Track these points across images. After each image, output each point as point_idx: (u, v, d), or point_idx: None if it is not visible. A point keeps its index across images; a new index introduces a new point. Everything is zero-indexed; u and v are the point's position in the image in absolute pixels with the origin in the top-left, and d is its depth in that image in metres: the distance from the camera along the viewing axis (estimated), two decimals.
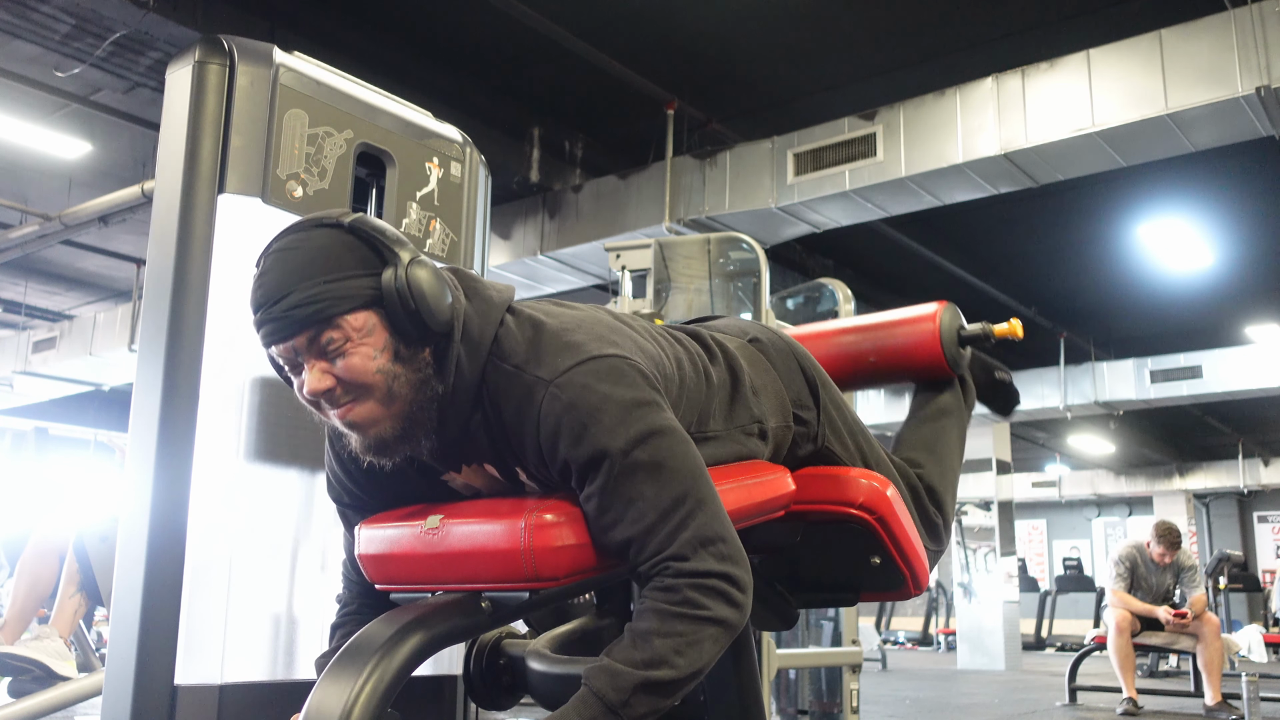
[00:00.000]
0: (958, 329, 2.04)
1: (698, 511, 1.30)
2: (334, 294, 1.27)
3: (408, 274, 1.30)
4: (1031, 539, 20.18)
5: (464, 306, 1.38)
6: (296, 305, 1.26)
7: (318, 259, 1.29)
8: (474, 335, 1.37)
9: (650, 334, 1.54)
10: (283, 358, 1.32)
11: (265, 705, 1.89)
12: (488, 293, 1.43)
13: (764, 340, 1.78)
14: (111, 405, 11.85)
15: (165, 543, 1.85)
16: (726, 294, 4.08)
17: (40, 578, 3.34)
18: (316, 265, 1.28)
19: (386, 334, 1.31)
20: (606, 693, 1.23)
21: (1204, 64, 4.93)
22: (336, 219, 1.33)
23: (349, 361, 1.29)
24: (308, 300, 1.27)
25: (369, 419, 1.32)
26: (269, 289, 1.28)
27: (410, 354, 1.32)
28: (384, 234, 1.33)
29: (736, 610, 1.28)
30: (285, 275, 1.28)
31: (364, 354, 1.29)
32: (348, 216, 1.33)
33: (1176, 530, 5.95)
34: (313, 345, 1.29)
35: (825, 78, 6.15)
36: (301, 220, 1.35)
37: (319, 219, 1.34)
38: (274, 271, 1.29)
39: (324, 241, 1.31)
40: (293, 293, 1.27)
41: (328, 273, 1.28)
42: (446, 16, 5.57)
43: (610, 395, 1.31)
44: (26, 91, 6.10)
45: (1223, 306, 9.87)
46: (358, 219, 1.33)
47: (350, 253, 1.30)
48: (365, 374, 1.30)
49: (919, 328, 2.03)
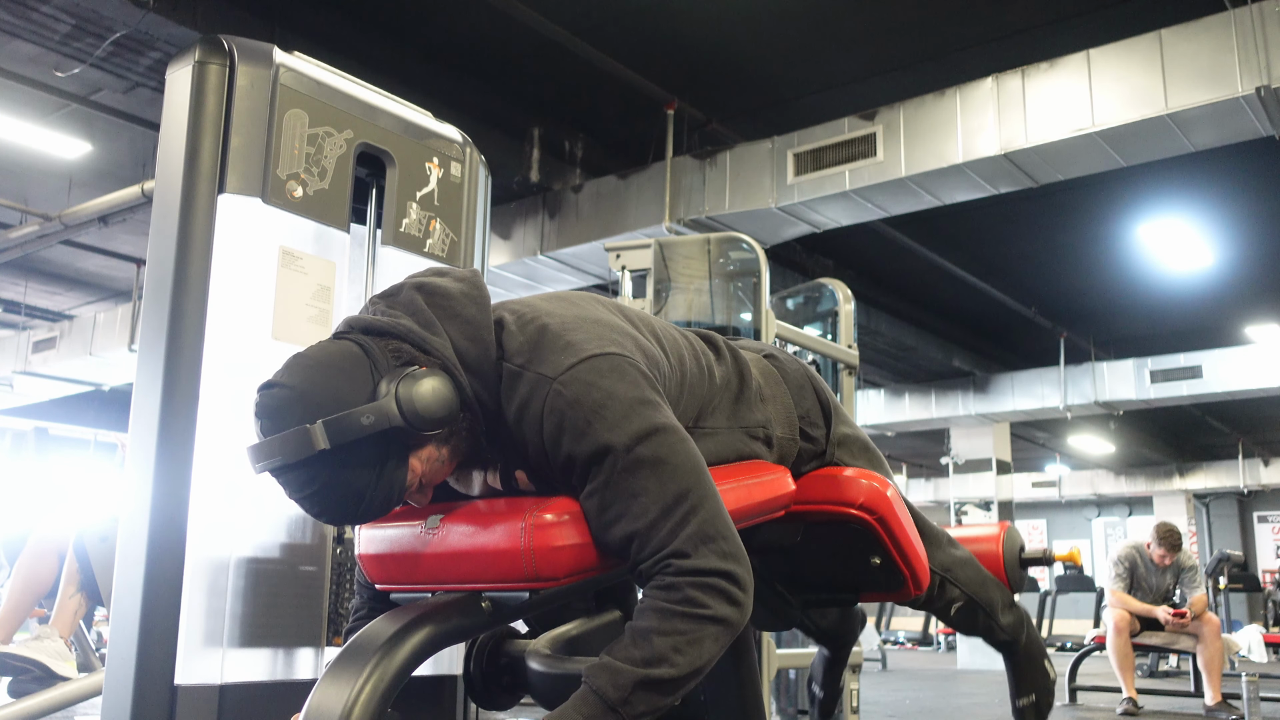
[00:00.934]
0: (1019, 549, 2.11)
1: (700, 508, 1.30)
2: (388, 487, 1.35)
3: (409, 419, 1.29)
4: (1031, 539, 20.16)
5: (449, 343, 1.36)
6: (375, 511, 1.37)
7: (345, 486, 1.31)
8: (474, 361, 1.37)
9: (650, 328, 1.55)
10: None
11: (265, 705, 1.89)
12: (465, 310, 1.40)
13: (780, 358, 1.83)
14: (111, 405, 11.85)
15: (165, 543, 1.85)
16: (726, 294, 4.08)
17: (37, 577, 3.34)
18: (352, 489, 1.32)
19: (433, 445, 1.37)
20: (606, 690, 1.23)
21: (1204, 64, 4.93)
22: (315, 449, 1.25)
23: (428, 479, 1.39)
24: (378, 505, 1.35)
25: (439, 479, 1.43)
26: (343, 522, 1.39)
27: (452, 429, 1.37)
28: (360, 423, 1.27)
29: (737, 609, 1.28)
30: (342, 513, 1.35)
31: (434, 470, 1.39)
32: (317, 438, 1.25)
33: (1177, 532, 5.95)
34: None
35: (825, 78, 6.15)
36: (279, 464, 1.27)
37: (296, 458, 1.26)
38: (328, 514, 1.36)
39: (329, 474, 1.30)
40: (361, 513, 1.36)
41: (365, 484, 1.32)
42: (447, 17, 5.57)
43: (614, 392, 1.32)
44: (26, 91, 6.09)
45: (1223, 306, 9.86)
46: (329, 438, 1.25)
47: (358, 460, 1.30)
48: (441, 474, 1.41)
49: (981, 547, 2.09)
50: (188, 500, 1.88)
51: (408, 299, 1.41)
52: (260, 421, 1.29)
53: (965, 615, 1.95)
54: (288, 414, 1.27)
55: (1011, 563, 2.07)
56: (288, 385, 1.29)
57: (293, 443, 1.26)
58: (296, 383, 1.29)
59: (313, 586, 2.04)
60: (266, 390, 1.30)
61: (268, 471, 1.29)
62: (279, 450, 1.26)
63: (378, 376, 1.31)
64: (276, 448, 1.26)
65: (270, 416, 1.28)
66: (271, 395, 1.29)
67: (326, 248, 2.12)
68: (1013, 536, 2.10)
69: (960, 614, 1.94)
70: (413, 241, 2.29)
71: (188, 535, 1.87)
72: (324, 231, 2.11)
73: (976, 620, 1.97)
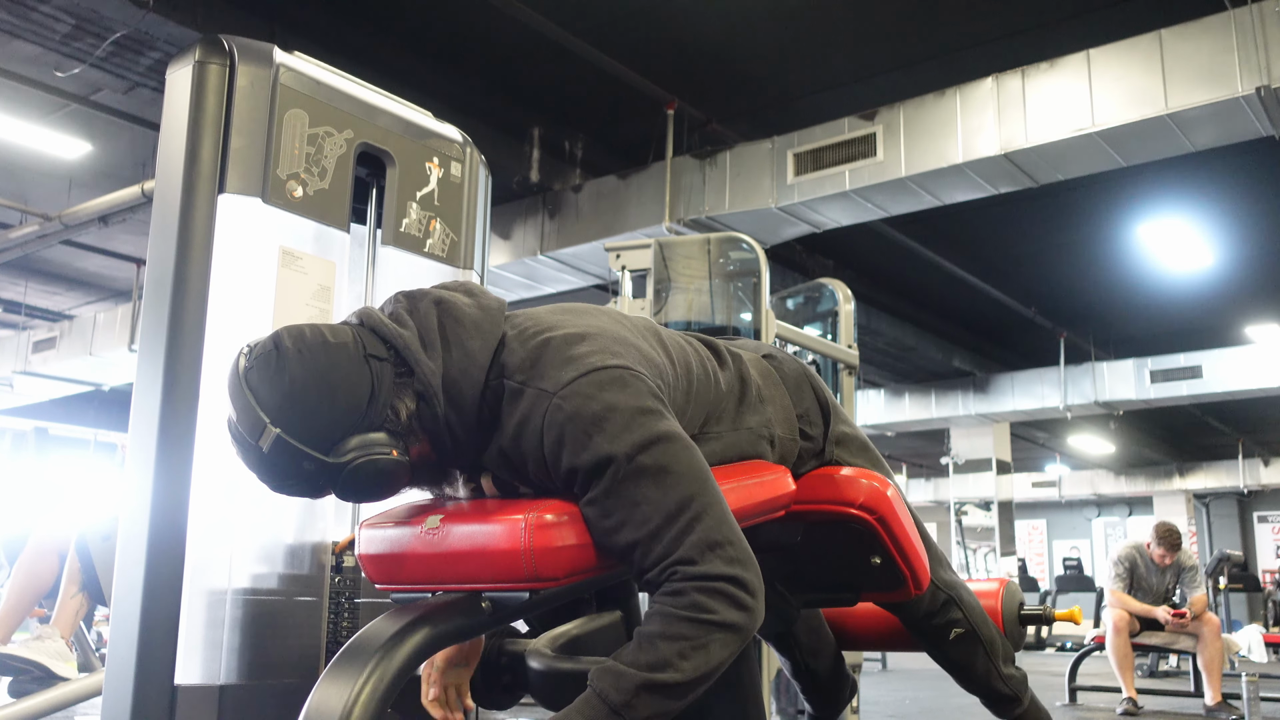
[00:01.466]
0: (1019, 606, 2.06)
1: (704, 515, 1.29)
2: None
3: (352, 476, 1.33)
4: (1031, 539, 20.19)
5: (439, 376, 1.36)
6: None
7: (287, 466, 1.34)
8: (456, 397, 1.37)
9: (656, 337, 1.54)
10: None
11: (265, 705, 1.89)
12: (471, 343, 1.39)
13: (778, 358, 1.83)
14: (111, 405, 11.85)
15: (165, 543, 1.85)
16: (726, 294, 4.07)
17: (37, 576, 3.34)
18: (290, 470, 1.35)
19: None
20: (609, 693, 1.23)
21: (1204, 64, 4.93)
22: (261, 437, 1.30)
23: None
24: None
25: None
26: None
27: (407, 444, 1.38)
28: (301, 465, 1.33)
29: (745, 614, 1.28)
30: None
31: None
32: (266, 437, 1.30)
33: (1177, 532, 5.95)
34: None
35: (825, 78, 6.15)
36: (235, 431, 1.34)
37: (247, 440, 1.32)
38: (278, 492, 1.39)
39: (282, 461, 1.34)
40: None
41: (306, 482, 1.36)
42: (447, 16, 5.57)
43: (614, 404, 1.31)
44: (26, 91, 6.09)
45: (1223, 306, 9.87)
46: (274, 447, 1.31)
47: (301, 467, 1.34)
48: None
49: (981, 602, 2.02)
50: (188, 500, 1.87)
51: (425, 311, 1.41)
52: (247, 375, 1.31)
53: (965, 647, 1.88)
54: (267, 396, 1.30)
55: (1010, 619, 2.02)
56: (286, 374, 1.30)
57: (246, 423, 1.31)
58: (296, 376, 1.30)
59: (313, 588, 2.04)
60: (272, 356, 1.31)
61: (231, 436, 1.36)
62: (237, 414, 1.32)
63: (374, 404, 1.34)
64: (238, 406, 1.32)
65: (254, 387, 1.31)
66: (268, 370, 1.31)
67: (326, 248, 2.12)
68: (1012, 592, 2.06)
69: (959, 642, 1.87)
70: (413, 241, 2.29)
71: (188, 535, 1.87)
72: (324, 231, 2.11)
73: (976, 657, 1.88)
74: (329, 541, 2.08)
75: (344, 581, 2.08)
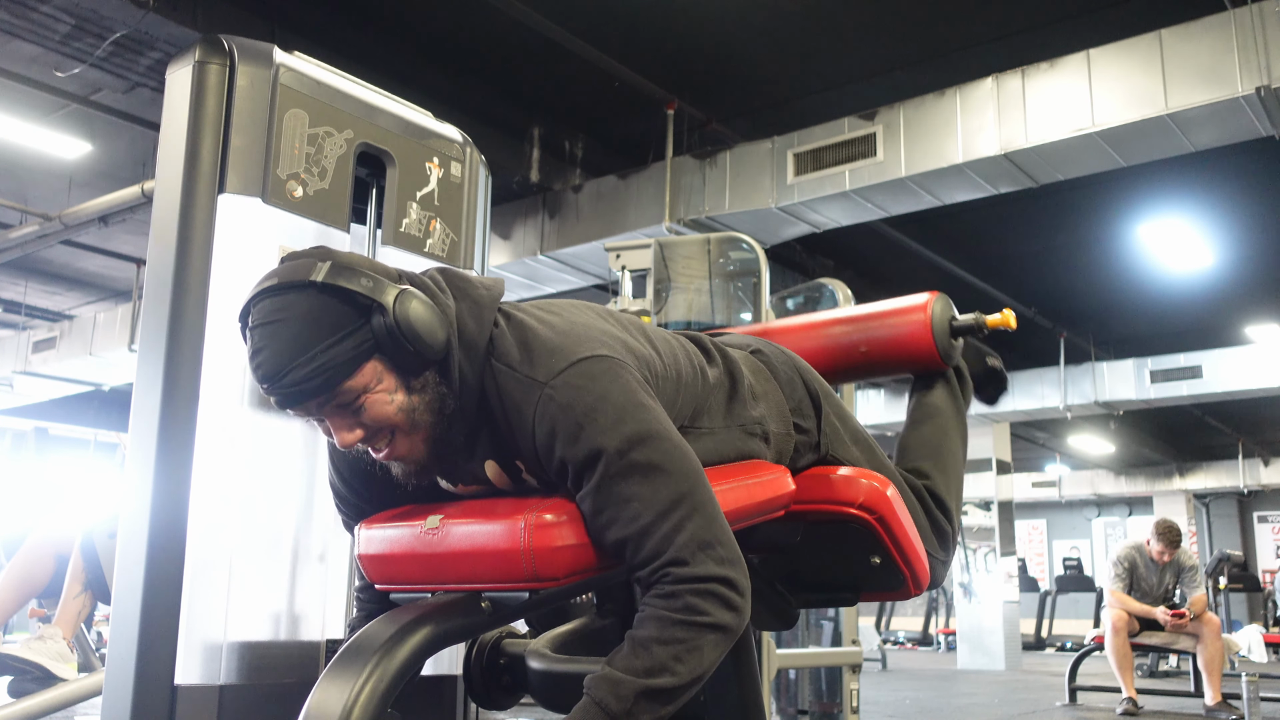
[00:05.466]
0: (950, 319, 2.03)
1: (695, 514, 1.30)
2: (334, 361, 1.28)
3: (396, 317, 1.29)
4: (1031, 539, 20.17)
5: (454, 310, 1.38)
6: (300, 380, 1.27)
7: (305, 330, 1.27)
8: (470, 337, 1.38)
9: (642, 332, 1.55)
10: (301, 417, 1.35)
11: (265, 705, 1.90)
12: (477, 292, 1.42)
13: (766, 352, 1.81)
14: (111, 405, 11.85)
15: (165, 543, 1.85)
16: (726, 294, 4.08)
17: (30, 576, 3.33)
18: (306, 336, 1.27)
19: (393, 375, 1.33)
20: (608, 702, 1.23)
21: (1204, 64, 4.93)
22: (307, 278, 1.28)
23: (370, 412, 1.33)
24: (310, 374, 1.27)
25: (404, 452, 1.38)
26: (268, 368, 1.28)
27: (420, 382, 1.35)
28: (359, 282, 1.29)
29: (735, 614, 1.28)
30: (279, 353, 1.27)
31: (380, 400, 1.32)
32: (318, 271, 1.29)
33: (1176, 529, 5.95)
34: (327, 406, 1.32)
35: (825, 78, 6.15)
36: (271, 284, 1.30)
37: (289, 280, 1.29)
38: (267, 349, 1.28)
39: (304, 308, 1.28)
40: (292, 369, 1.27)
41: (320, 340, 1.27)
42: (446, 17, 5.57)
43: (606, 396, 1.32)
44: (26, 91, 6.09)
45: (1223, 306, 9.86)
46: (328, 275, 1.29)
47: (334, 313, 1.28)
48: (388, 417, 1.34)
49: (910, 318, 2.01)
50: (188, 500, 1.88)
51: (429, 272, 1.45)
52: (283, 261, 1.34)
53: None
54: (307, 264, 1.31)
55: (941, 332, 1.98)
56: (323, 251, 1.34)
57: (295, 268, 1.30)
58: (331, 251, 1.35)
59: (312, 587, 2.04)
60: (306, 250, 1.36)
61: (250, 300, 1.31)
62: (279, 273, 1.30)
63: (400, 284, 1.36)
64: (279, 271, 1.31)
65: (293, 257, 1.34)
66: (307, 251, 1.36)
67: None
68: (943, 305, 2.00)
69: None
70: (413, 241, 2.29)
71: (188, 535, 1.87)
72: (324, 231, 2.11)
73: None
74: (330, 520, 2.08)
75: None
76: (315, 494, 2.07)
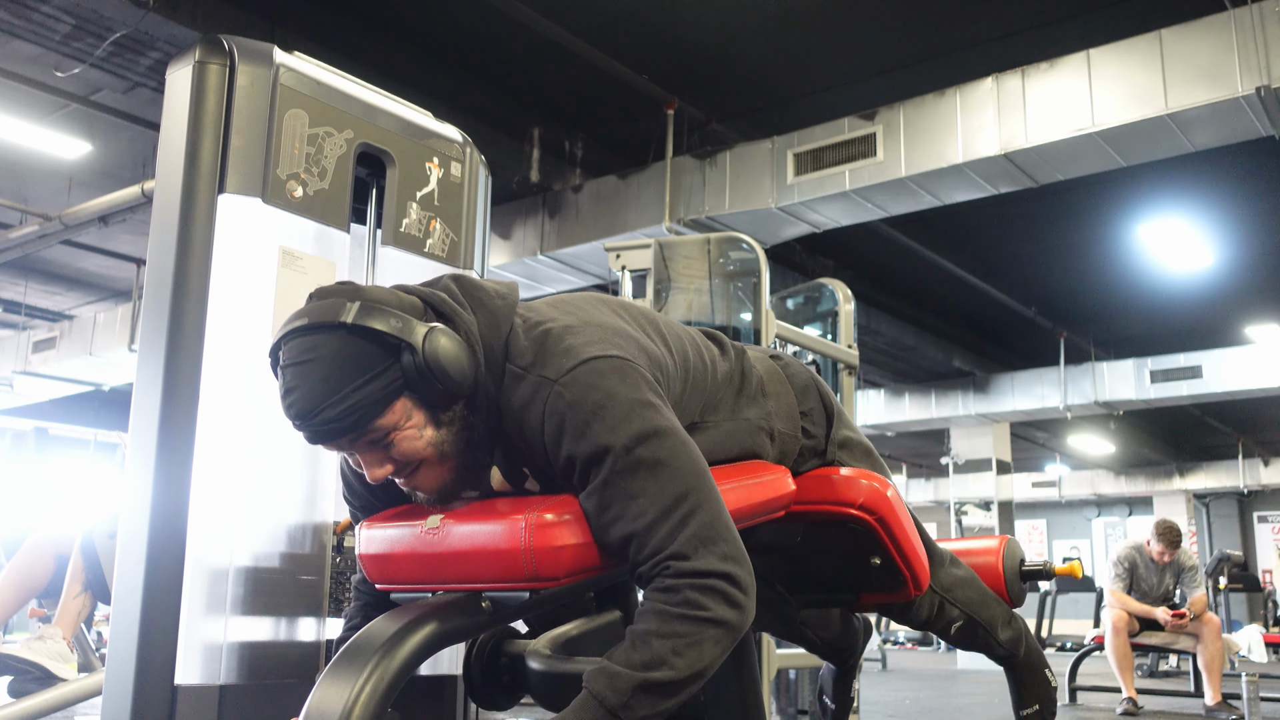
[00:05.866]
0: (1020, 561, 2.12)
1: (699, 510, 1.30)
2: (365, 400, 1.30)
3: (425, 357, 1.30)
4: (1031, 539, 20.18)
5: (476, 330, 1.39)
6: (332, 420, 1.30)
7: (336, 370, 1.29)
8: (493, 356, 1.39)
9: (655, 327, 1.56)
10: (332, 450, 1.38)
11: (265, 705, 1.89)
12: (494, 303, 1.43)
13: (785, 360, 1.86)
14: (111, 405, 11.85)
15: (165, 543, 1.85)
16: (726, 294, 4.08)
17: (30, 577, 3.33)
18: (337, 376, 1.29)
19: (423, 411, 1.35)
20: (606, 695, 1.22)
21: (1204, 64, 4.93)
22: (337, 319, 1.30)
23: (400, 448, 1.35)
24: (342, 414, 1.29)
25: (432, 483, 1.40)
26: (300, 407, 1.30)
27: (449, 415, 1.37)
28: (388, 322, 1.31)
29: (738, 611, 1.28)
30: (311, 393, 1.29)
31: (410, 436, 1.35)
32: (347, 311, 1.30)
33: (1176, 529, 5.95)
34: (359, 442, 1.34)
35: (825, 78, 6.15)
36: (302, 324, 1.31)
37: (319, 320, 1.30)
38: (298, 390, 1.30)
39: (335, 348, 1.29)
40: (324, 408, 1.29)
41: (351, 380, 1.29)
42: (447, 17, 5.57)
43: (614, 394, 1.32)
44: (26, 91, 6.10)
45: (1223, 306, 9.87)
46: (358, 315, 1.30)
47: (364, 353, 1.30)
48: (417, 452, 1.36)
49: (981, 559, 2.11)
50: (188, 500, 1.87)
51: (444, 283, 1.45)
52: (311, 299, 1.36)
53: (965, 633, 1.98)
54: (336, 304, 1.32)
55: (1012, 576, 2.09)
56: (351, 290, 1.36)
57: (325, 308, 1.31)
58: (359, 290, 1.36)
59: (312, 587, 2.04)
60: (333, 288, 1.37)
61: (280, 339, 1.33)
62: (308, 313, 1.32)
63: (428, 317, 1.37)
64: (308, 311, 1.33)
65: (321, 296, 1.35)
66: (335, 289, 1.37)
67: (326, 248, 2.12)
68: (1013, 549, 2.12)
69: (960, 633, 1.97)
70: (413, 241, 2.29)
71: (188, 535, 1.87)
72: (324, 231, 2.11)
73: (976, 637, 1.99)
74: (330, 521, 2.08)
75: (345, 561, 2.08)
76: (315, 494, 2.07)
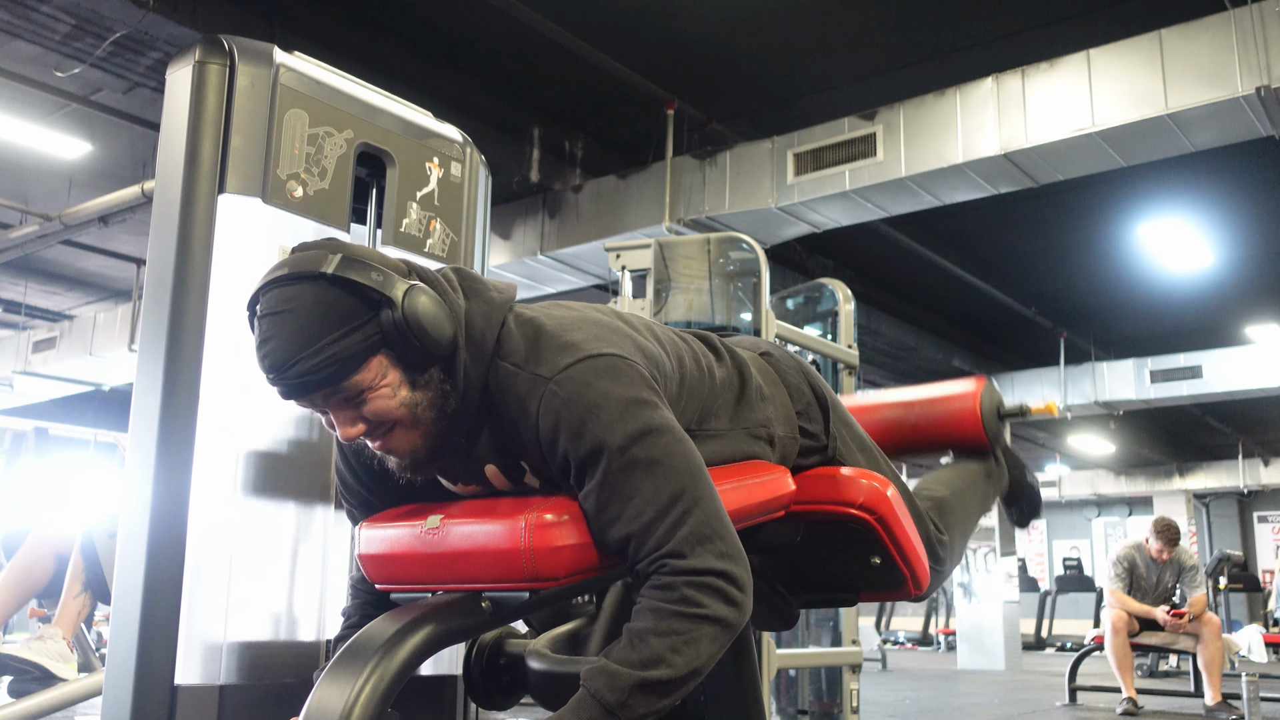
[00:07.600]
0: (997, 405, 2.16)
1: (695, 509, 1.30)
2: (340, 354, 1.28)
3: (404, 312, 1.29)
4: (1031, 539, 20.17)
5: (464, 309, 1.39)
6: (307, 373, 1.28)
7: (313, 321, 1.28)
8: (477, 336, 1.38)
9: (651, 331, 1.55)
10: (304, 407, 1.36)
11: (265, 705, 1.89)
12: (489, 294, 1.43)
13: (775, 355, 1.83)
14: (111, 405, 11.85)
15: (165, 543, 1.85)
16: (726, 294, 4.07)
17: (30, 576, 3.33)
18: (314, 328, 1.27)
19: (399, 370, 1.33)
20: (604, 694, 1.22)
21: (1204, 64, 4.93)
22: (317, 270, 1.29)
23: (372, 406, 1.33)
24: (316, 367, 1.28)
25: (403, 446, 1.38)
26: (275, 359, 1.28)
27: (425, 378, 1.35)
28: (369, 275, 1.30)
29: (735, 609, 1.28)
30: (287, 343, 1.28)
31: (384, 395, 1.33)
32: (329, 263, 1.29)
33: (1175, 526, 5.96)
34: (332, 399, 1.33)
35: (825, 78, 6.15)
36: (282, 273, 1.30)
37: (299, 270, 1.30)
38: (274, 339, 1.28)
39: (313, 299, 1.28)
40: (299, 360, 1.27)
41: (328, 333, 1.28)
42: (447, 17, 5.57)
43: (609, 392, 1.32)
44: (26, 91, 6.10)
45: (1223, 306, 9.87)
46: (339, 267, 1.29)
47: (343, 305, 1.29)
48: (390, 412, 1.34)
49: (960, 404, 2.15)
50: (188, 500, 1.87)
51: (443, 271, 1.45)
52: (294, 251, 1.35)
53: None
54: (318, 255, 1.32)
55: (990, 416, 2.14)
56: (335, 244, 1.35)
57: (306, 259, 1.31)
58: (342, 244, 1.36)
59: (312, 588, 2.04)
60: (317, 241, 1.37)
61: (259, 289, 1.32)
62: (289, 263, 1.31)
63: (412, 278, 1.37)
64: (289, 261, 1.32)
65: (304, 248, 1.35)
66: (318, 242, 1.36)
67: None
68: (990, 393, 2.17)
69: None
70: (413, 241, 2.29)
71: (188, 535, 1.87)
72: (324, 231, 2.11)
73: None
74: (329, 543, 2.08)
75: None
76: (315, 494, 2.07)
